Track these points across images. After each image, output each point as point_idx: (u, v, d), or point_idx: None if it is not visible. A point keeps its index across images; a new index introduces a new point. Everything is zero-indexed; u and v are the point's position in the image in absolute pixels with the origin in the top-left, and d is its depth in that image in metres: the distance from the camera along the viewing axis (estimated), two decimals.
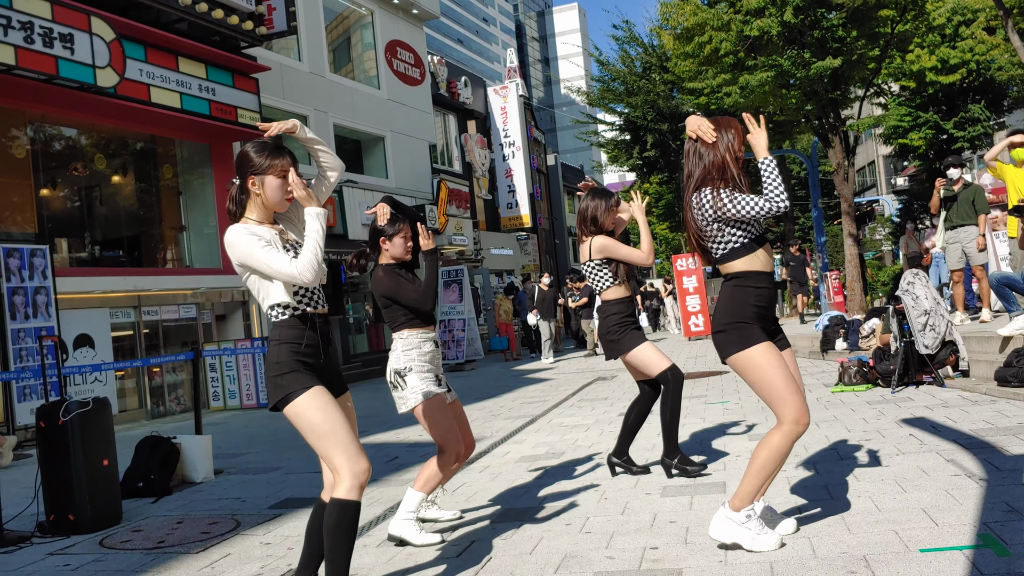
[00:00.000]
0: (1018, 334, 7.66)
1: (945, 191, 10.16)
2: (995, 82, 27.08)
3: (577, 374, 13.92)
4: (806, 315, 19.04)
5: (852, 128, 19.23)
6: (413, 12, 23.12)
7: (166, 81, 12.82)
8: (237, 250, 3.30)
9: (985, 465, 4.67)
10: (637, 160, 30.19)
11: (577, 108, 34.43)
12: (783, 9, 16.60)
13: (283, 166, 3.39)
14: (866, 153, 51.59)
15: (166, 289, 13.51)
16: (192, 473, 6.88)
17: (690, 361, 14.14)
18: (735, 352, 3.63)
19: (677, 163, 29.05)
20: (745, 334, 3.61)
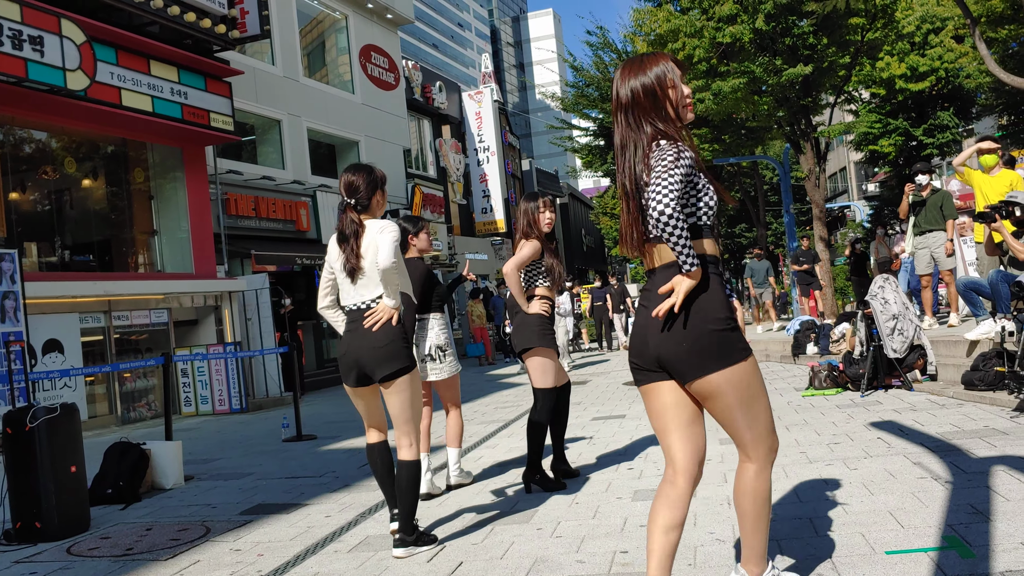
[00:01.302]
0: (984, 338, 7.77)
1: (914, 197, 10.28)
2: (963, 90, 27.49)
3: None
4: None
5: (823, 134, 19.43)
6: (388, 17, 23.09)
7: (137, 84, 12.73)
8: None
9: (951, 468, 4.73)
10: (611, 166, 30.27)
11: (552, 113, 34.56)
12: (755, 16, 16.75)
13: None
14: (837, 159, 52.13)
15: (137, 294, 13.39)
16: (162, 479, 6.82)
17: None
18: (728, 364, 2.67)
19: None
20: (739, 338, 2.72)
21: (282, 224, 17.89)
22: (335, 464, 7.32)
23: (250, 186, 17.06)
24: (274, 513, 5.52)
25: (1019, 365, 6.31)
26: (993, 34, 22.53)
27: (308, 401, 14.25)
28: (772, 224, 36.48)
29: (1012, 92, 19.66)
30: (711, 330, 2.65)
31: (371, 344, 4.09)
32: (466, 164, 30.06)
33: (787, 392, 8.96)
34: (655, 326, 2.70)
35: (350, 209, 4.22)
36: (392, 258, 4.01)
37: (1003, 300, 7.29)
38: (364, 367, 4.14)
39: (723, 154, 23.05)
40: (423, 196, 24.20)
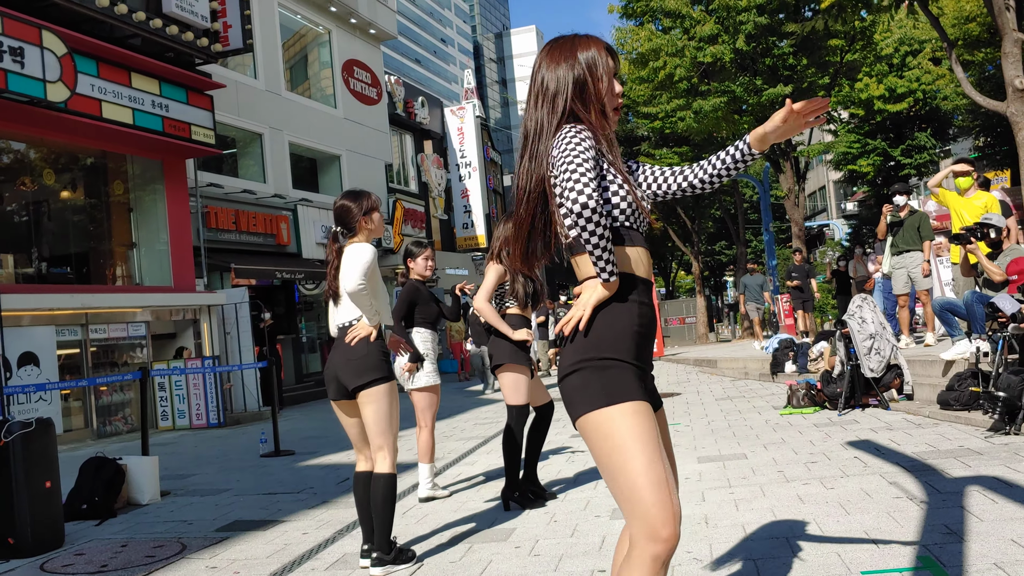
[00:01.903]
0: (960, 358, 7.84)
1: (892, 217, 10.40)
2: (941, 111, 27.83)
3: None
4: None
5: (803, 154, 19.62)
6: (371, 32, 23.15)
7: (118, 97, 12.69)
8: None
9: (926, 488, 4.77)
10: None
11: None
12: (736, 37, 16.94)
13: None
14: (817, 178, 52.57)
15: (115, 307, 13.30)
16: (138, 495, 6.76)
17: None
18: (579, 413, 2.15)
19: None
20: (611, 380, 2.13)
21: (262, 238, 17.84)
22: (313, 480, 7.28)
23: (231, 199, 17.01)
24: (251, 530, 5.48)
25: (994, 385, 6.38)
26: (970, 57, 22.86)
27: (286, 416, 14.17)
28: (752, 242, 36.73)
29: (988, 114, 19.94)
30: (577, 361, 2.18)
31: (347, 356, 4.21)
32: (448, 179, 30.11)
33: (765, 410, 9.00)
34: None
35: (334, 239, 4.38)
36: (356, 281, 4.06)
37: (978, 321, 7.37)
38: (341, 379, 4.23)
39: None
40: (404, 211, 24.20)
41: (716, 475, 5.76)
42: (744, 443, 6.99)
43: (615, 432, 2.07)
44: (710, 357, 17.10)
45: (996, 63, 20.74)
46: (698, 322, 30.15)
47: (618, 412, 2.08)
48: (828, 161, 33.85)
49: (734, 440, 7.21)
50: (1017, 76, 10.48)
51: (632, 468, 2.04)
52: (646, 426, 2.08)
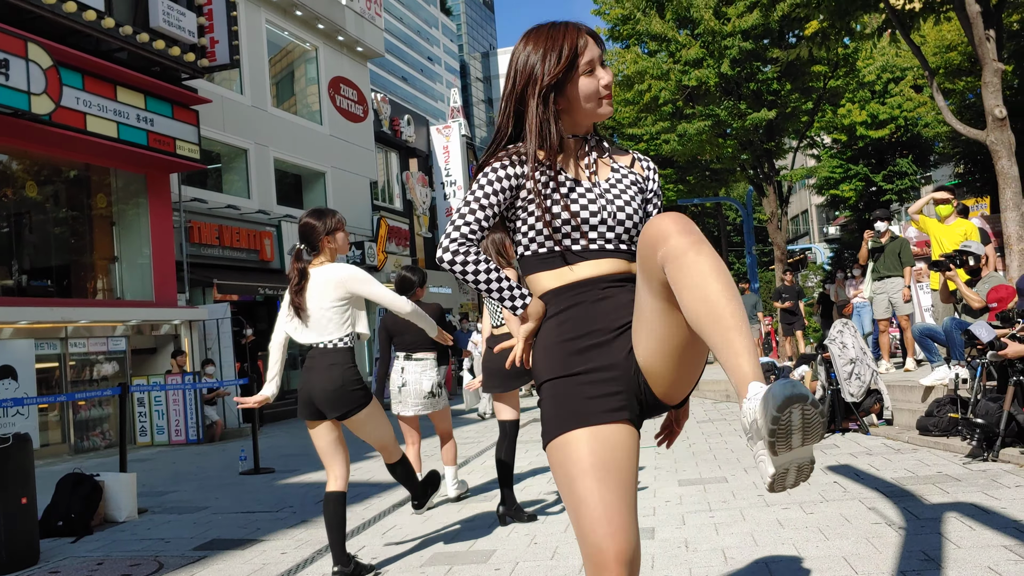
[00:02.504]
0: (939, 384, 7.90)
1: (873, 243, 10.49)
2: (922, 138, 28.14)
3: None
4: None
5: (786, 178, 19.76)
6: (358, 50, 23.21)
7: (103, 110, 12.65)
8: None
9: (905, 514, 4.79)
10: None
11: None
12: (720, 61, 17.09)
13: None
14: (799, 202, 52.96)
15: (95, 321, 13.21)
16: (115, 512, 6.70)
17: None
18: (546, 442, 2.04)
19: None
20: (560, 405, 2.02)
21: (246, 253, 17.78)
22: (292, 498, 7.24)
23: (214, 214, 16.96)
24: (229, 549, 5.44)
25: (972, 412, 6.42)
26: (951, 85, 23.16)
27: (267, 433, 14.08)
28: (735, 264, 36.90)
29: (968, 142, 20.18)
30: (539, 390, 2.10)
31: (323, 386, 4.30)
32: (432, 197, 30.13)
33: None
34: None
35: (297, 256, 4.41)
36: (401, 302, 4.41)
37: (957, 347, 7.43)
38: (317, 404, 4.35)
39: (687, 195, 23.35)
40: (388, 228, 24.19)
41: (696, 498, 5.77)
42: (725, 466, 7.01)
43: (566, 461, 1.97)
44: None
45: (976, 92, 21.03)
46: None
47: (566, 441, 1.97)
48: (811, 185, 34.12)
49: (715, 463, 7.22)
50: (997, 105, 10.62)
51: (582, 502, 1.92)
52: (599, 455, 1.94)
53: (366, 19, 23.62)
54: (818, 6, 12.54)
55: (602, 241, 2.08)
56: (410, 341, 6.06)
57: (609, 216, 2.09)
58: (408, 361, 6.07)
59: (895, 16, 11.97)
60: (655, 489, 6.30)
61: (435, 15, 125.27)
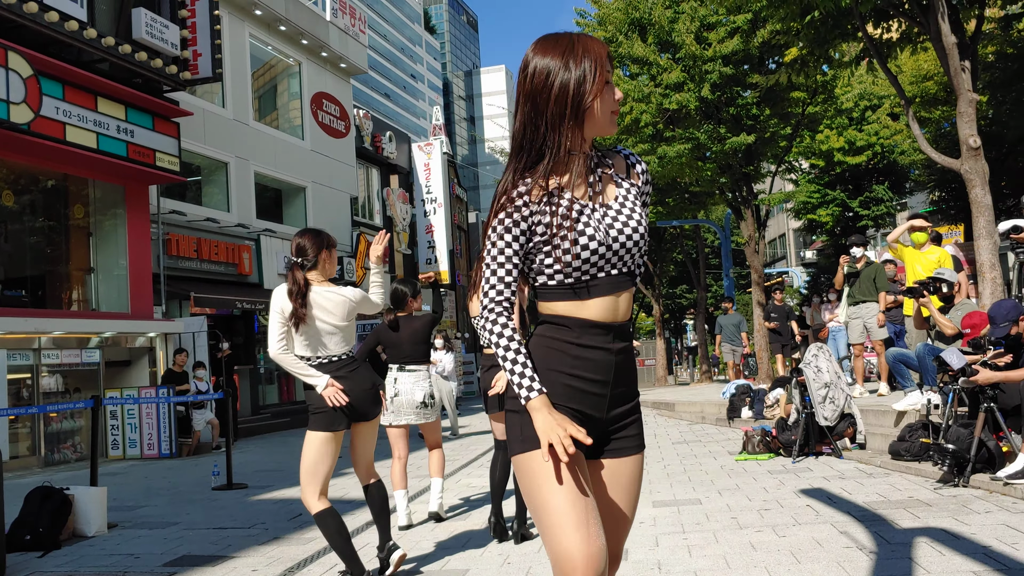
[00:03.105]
0: (911, 409, 7.97)
1: (848, 268, 10.60)
2: (898, 165, 28.48)
3: (487, 434, 13.90)
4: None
5: (764, 202, 19.93)
6: (341, 66, 23.25)
7: (83, 120, 12.59)
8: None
9: (876, 538, 4.83)
10: None
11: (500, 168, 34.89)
12: (701, 85, 17.24)
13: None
14: (777, 226, 53.38)
15: (70, 332, 13.09)
16: (84, 526, 6.62)
17: None
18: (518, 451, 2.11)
19: None
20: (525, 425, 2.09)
21: (224, 267, 17.70)
22: (265, 515, 7.18)
23: (193, 227, 16.89)
24: (199, 565, 5.39)
25: (943, 438, 6.49)
26: (927, 114, 23.49)
27: (241, 448, 13.97)
28: (712, 287, 37.11)
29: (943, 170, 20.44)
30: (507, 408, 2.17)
31: (363, 387, 4.51)
32: (413, 214, 30.14)
33: (721, 455, 9.06)
34: None
35: (297, 268, 4.44)
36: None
37: (930, 373, 7.51)
38: (359, 405, 4.49)
39: (666, 217, 23.48)
40: (368, 245, 24.15)
41: (670, 520, 5.78)
42: (699, 488, 7.03)
43: (533, 471, 2.04)
44: (668, 400, 17.18)
45: (952, 121, 21.37)
46: (657, 364, 30.30)
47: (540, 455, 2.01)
48: (788, 210, 34.42)
49: (689, 485, 7.25)
50: (971, 135, 10.77)
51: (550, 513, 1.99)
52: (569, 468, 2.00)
53: (350, 36, 23.68)
54: (797, 34, 12.69)
55: (613, 268, 2.11)
56: (405, 353, 6.11)
57: (623, 244, 2.10)
58: (401, 372, 6.08)
59: (872, 45, 12.14)
60: None
61: (419, 33, 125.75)
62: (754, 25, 16.81)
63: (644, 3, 18.37)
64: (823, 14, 11.71)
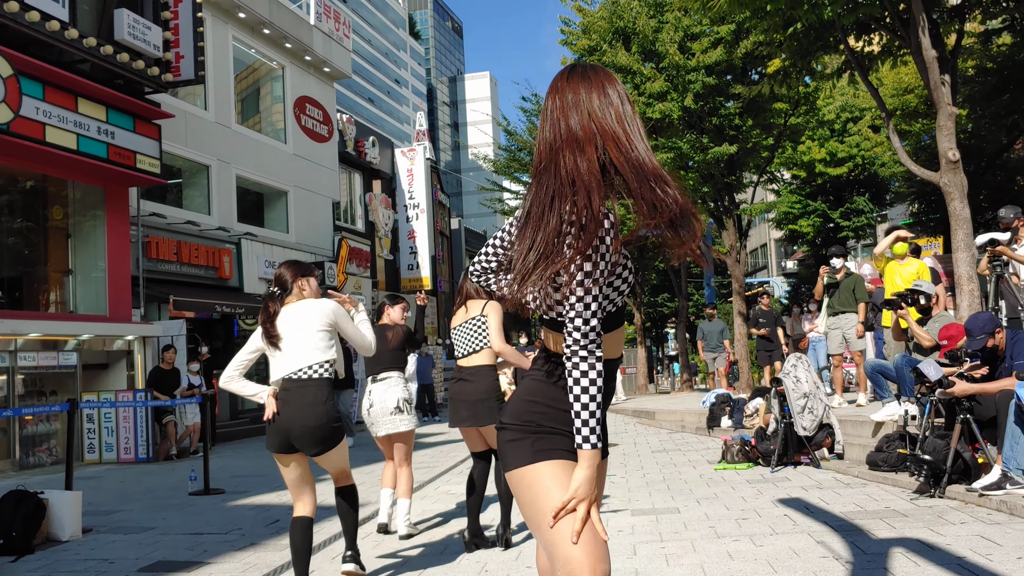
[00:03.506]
0: (889, 420, 8.02)
1: (828, 279, 10.67)
2: (878, 177, 28.68)
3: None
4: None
5: (745, 212, 20.03)
6: (325, 70, 23.19)
7: (63, 121, 12.50)
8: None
9: (852, 548, 4.84)
10: None
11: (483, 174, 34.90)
12: (684, 95, 17.33)
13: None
14: (759, 236, 53.64)
15: (47, 334, 12.97)
16: (58, 531, 6.55)
17: None
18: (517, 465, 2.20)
19: None
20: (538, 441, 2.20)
21: (204, 270, 17.59)
22: (242, 521, 7.13)
23: (173, 230, 16.78)
24: (174, 571, 5.34)
25: (920, 448, 6.53)
26: (907, 127, 23.68)
27: (219, 453, 13.88)
28: (694, 295, 37.22)
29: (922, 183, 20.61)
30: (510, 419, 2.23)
31: (304, 423, 4.19)
32: (395, 220, 30.08)
33: (700, 464, 9.08)
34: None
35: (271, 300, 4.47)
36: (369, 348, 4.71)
37: (907, 384, 7.56)
38: (294, 440, 4.25)
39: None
40: (350, 249, 24.09)
41: (648, 528, 5.78)
42: (678, 497, 7.04)
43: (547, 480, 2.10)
44: (648, 408, 17.21)
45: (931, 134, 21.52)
46: (638, 373, 30.34)
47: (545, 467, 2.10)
48: (770, 220, 34.60)
49: (668, 493, 7.25)
50: (951, 148, 10.87)
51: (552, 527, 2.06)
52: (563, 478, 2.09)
53: (334, 40, 23.63)
54: (780, 46, 12.78)
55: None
56: (381, 362, 6.06)
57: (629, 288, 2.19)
58: (374, 383, 6.02)
59: (854, 58, 12.24)
60: (607, 518, 6.30)
61: (404, 38, 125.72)
62: (737, 36, 16.93)
63: (628, 12, 18.45)
64: (806, 26, 11.80)
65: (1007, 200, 17.17)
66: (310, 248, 21.58)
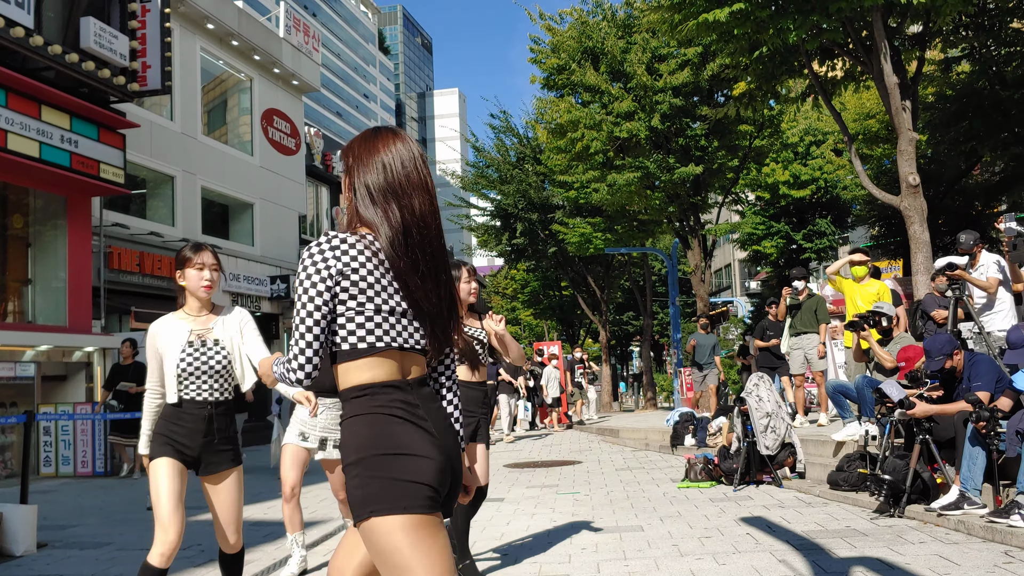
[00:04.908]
0: (850, 440, 8.11)
1: (791, 299, 10.80)
2: (841, 200, 29.09)
3: None
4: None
5: (710, 232, 20.23)
6: (293, 83, 23.11)
7: (25, 129, 12.33)
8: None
9: (813, 567, 4.88)
10: (506, 246, 30.75)
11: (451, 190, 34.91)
12: (651, 115, 17.50)
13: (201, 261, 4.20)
14: (723, 256, 54.13)
15: (3, 344, 12.74)
16: (12, 546, 6.42)
17: (544, 449, 14.26)
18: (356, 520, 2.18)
19: (544, 252, 29.70)
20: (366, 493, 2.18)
21: (167, 282, 17.39)
22: (202, 536, 7.03)
23: (136, 240, 16.60)
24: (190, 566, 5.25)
25: (880, 468, 6.61)
26: (869, 151, 24.09)
27: None
28: (659, 314, 37.45)
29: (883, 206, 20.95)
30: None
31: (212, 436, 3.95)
32: None
33: (664, 482, 9.11)
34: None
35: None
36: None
37: (868, 404, 7.65)
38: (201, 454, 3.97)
39: (615, 244, 23.68)
40: None
41: (612, 547, 5.79)
42: (641, 515, 7.05)
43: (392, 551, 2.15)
44: (613, 427, 17.25)
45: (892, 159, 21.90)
46: (603, 391, 30.44)
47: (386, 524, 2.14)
48: (734, 240, 34.95)
49: (632, 511, 7.27)
50: (911, 173, 11.08)
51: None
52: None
53: (303, 53, 23.57)
54: (746, 69, 12.97)
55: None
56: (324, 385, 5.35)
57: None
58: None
59: (818, 82, 12.45)
60: (571, 536, 6.30)
61: (373, 53, 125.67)
62: (704, 59, 17.14)
63: (597, 33, 18.62)
64: (771, 50, 12.00)
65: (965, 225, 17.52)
66: (275, 261, 21.42)
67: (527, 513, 7.38)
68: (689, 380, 20.36)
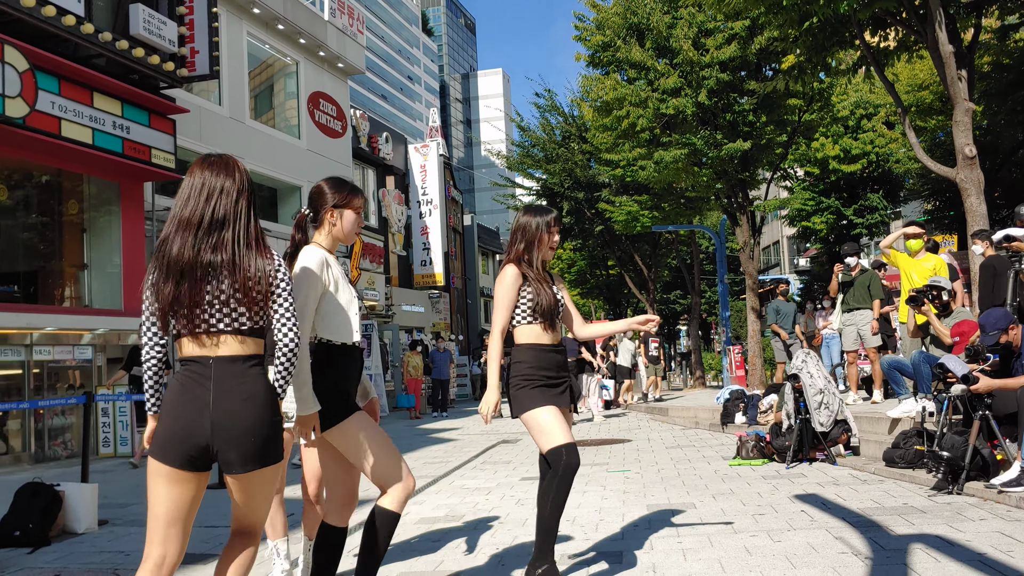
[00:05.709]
0: (906, 417, 7.98)
1: (843, 276, 10.63)
2: (893, 174, 28.53)
3: (481, 436, 13.88)
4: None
5: (759, 208, 19.94)
6: (339, 66, 23.21)
7: (79, 116, 12.53)
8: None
9: (871, 544, 4.81)
10: None
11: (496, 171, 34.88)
12: (698, 91, 17.26)
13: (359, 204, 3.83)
14: (771, 233, 53.45)
15: (62, 328, 13.02)
16: (74, 523, 6.58)
17: (593, 428, 14.24)
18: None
19: (591, 231, 29.56)
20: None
21: None
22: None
23: None
24: (189, 563, 5.35)
25: (938, 445, 6.48)
26: (922, 123, 23.53)
27: None
28: (706, 292, 37.13)
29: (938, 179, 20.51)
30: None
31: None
32: (408, 216, 30.12)
33: (715, 460, 9.05)
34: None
35: (298, 224, 3.80)
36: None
37: (924, 380, 7.51)
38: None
39: (662, 221, 23.50)
40: (363, 245, 24.12)
41: (664, 523, 5.76)
42: (693, 492, 7.01)
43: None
44: (661, 405, 17.18)
45: (947, 130, 21.39)
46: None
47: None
48: (783, 216, 34.47)
49: (683, 489, 7.23)
50: (967, 144, 10.79)
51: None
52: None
53: (348, 36, 23.65)
54: (795, 41, 12.71)
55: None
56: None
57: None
58: None
59: (870, 53, 12.16)
60: (623, 512, 6.29)
61: (417, 35, 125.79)
62: (752, 32, 16.83)
63: (643, 8, 18.37)
64: (821, 21, 11.73)
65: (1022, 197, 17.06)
66: None
67: (578, 491, 7.37)
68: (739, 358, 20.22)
